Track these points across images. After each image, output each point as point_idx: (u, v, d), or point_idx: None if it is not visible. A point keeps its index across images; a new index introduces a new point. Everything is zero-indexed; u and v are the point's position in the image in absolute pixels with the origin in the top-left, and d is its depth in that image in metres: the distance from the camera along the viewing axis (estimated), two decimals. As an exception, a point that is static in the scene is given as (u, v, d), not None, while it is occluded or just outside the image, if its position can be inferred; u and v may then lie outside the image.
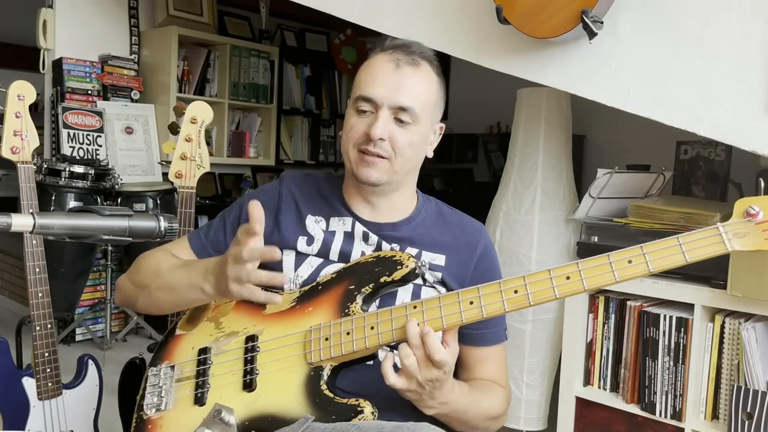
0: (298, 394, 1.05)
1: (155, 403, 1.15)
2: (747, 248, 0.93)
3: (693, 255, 0.94)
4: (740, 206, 0.95)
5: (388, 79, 1.11)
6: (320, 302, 1.12)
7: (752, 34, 1.56)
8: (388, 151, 1.12)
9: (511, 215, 2.42)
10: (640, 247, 0.96)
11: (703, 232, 0.95)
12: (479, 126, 4.40)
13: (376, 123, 1.10)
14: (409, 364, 0.97)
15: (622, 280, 0.96)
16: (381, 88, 1.11)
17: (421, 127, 1.14)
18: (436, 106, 1.18)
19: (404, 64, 1.12)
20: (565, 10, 1.64)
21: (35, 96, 1.77)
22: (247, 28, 4.73)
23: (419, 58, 1.14)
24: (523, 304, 0.99)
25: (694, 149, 2.56)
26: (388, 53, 1.14)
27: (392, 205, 1.20)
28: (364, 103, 1.12)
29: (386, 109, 1.11)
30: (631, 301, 1.93)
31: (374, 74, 1.13)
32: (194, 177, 1.73)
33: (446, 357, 0.97)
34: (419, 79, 1.13)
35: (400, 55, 1.13)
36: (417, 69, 1.13)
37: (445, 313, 1.01)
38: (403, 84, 1.11)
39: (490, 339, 1.21)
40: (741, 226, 0.93)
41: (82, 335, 3.71)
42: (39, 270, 1.74)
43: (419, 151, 1.17)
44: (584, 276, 0.97)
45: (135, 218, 0.97)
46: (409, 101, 1.11)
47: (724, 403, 1.75)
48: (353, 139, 1.14)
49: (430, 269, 1.17)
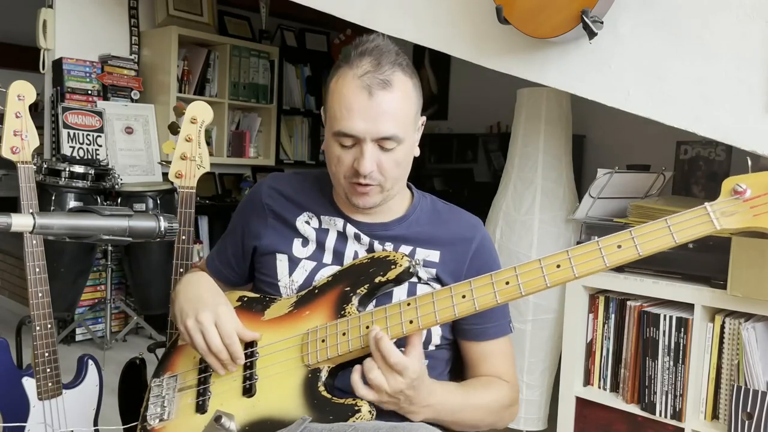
0: (297, 397, 1.05)
1: (158, 413, 1.16)
2: (735, 226, 0.92)
3: (682, 236, 0.93)
4: (727, 185, 0.93)
5: (364, 111, 1.06)
6: (317, 305, 1.13)
7: (752, 34, 1.56)
8: (378, 178, 1.10)
9: (511, 215, 2.42)
10: (629, 231, 0.95)
11: (691, 212, 0.94)
12: (479, 126, 4.40)
13: (362, 160, 1.07)
14: (373, 377, 0.98)
15: (612, 265, 0.96)
16: (359, 122, 1.06)
17: (406, 143, 1.11)
18: (417, 112, 1.14)
19: (377, 89, 1.06)
20: (565, 10, 1.64)
21: (35, 96, 1.77)
22: (247, 28, 4.74)
23: (390, 75, 1.07)
24: (515, 295, 0.99)
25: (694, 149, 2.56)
26: (357, 79, 1.07)
27: (385, 208, 1.20)
28: (346, 138, 1.09)
29: (369, 141, 1.07)
30: (631, 301, 1.93)
31: (349, 106, 1.06)
32: (194, 177, 1.73)
33: (403, 360, 0.97)
34: (395, 100, 1.07)
35: (370, 79, 1.06)
36: (390, 90, 1.07)
37: (438, 308, 1.02)
38: (380, 113, 1.06)
39: (493, 332, 1.19)
40: (728, 205, 0.92)
41: (82, 335, 3.71)
42: (39, 270, 1.74)
43: (408, 162, 1.15)
44: (574, 263, 0.97)
45: (135, 218, 0.97)
46: (390, 130, 1.07)
47: (724, 403, 1.75)
48: (342, 172, 1.12)
49: (425, 266, 1.16)
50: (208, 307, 1.11)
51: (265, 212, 1.24)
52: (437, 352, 1.18)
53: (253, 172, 4.77)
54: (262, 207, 1.25)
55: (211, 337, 1.08)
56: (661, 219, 0.94)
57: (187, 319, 1.11)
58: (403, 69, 1.10)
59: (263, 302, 1.19)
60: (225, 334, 1.09)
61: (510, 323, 1.23)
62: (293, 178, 1.29)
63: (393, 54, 1.10)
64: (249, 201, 1.29)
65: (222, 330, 1.09)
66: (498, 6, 1.75)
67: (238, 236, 1.28)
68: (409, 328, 1.03)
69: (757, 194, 0.91)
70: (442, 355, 1.19)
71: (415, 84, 1.13)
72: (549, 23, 1.68)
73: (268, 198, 1.25)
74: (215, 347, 1.08)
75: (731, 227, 0.92)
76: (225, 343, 1.08)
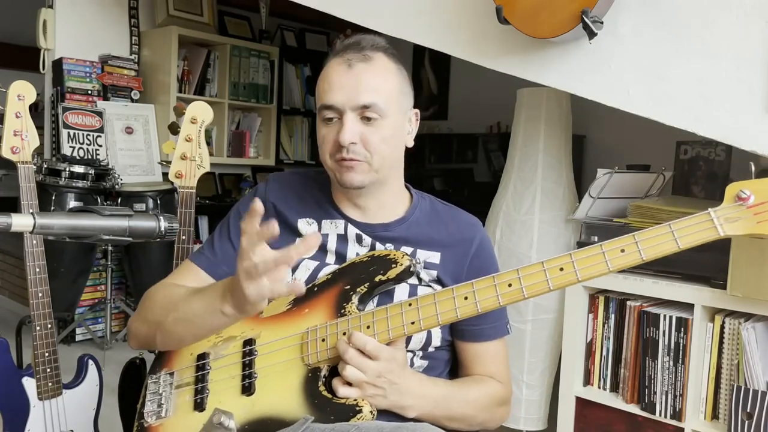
0: (297, 396, 1.05)
1: (155, 410, 1.15)
2: (738, 232, 0.91)
3: (685, 242, 0.93)
4: (731, 191, 0.93)
5: (344, 82, 1.10)
6: (316, 303, 1.12)
7: (752, 34, 1.56)
8: (363, 153, 1.10)
9: (511, 215, 2.42)
10: (632, 236, 0.95)
11: (695, 218, 0.94)
12: (479, 126, 4.40)
13: (343, 129, 1.09)
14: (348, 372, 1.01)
15: (615, 269, 0.96)
16: (339, 93, 1.09)
17: (390, 120, 1.12)
18: (402, 93, 1.15)
19: (356, 62, 1.10)
20: (565, 10, 1.64)
21: (35, 96, 1.77)
22: (247, 28, 4.74)
23: (370, 52, 1.12)
24: (518, 298, 0.99)
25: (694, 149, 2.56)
26: (339, 56, 1.13)
27: (381, 204, 1.19)
28: (328, 111, 1.11)
29: (350, 112, 1.09)
30: (631, 301, 1.93)
31: (330, 80, 1.11)
32: (194, 177, 1.73)
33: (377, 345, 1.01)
34: (375, 73, 1.11)
35: (351, 54, 1.11)
36: (370, 63, 1.11)
37: (440, 309, 1.02)
38: (359, 82, 1.09)
39: (490, 334, 1.19)
40: (732, 211, 0.92)
41: (82, 335, 3.71)
42: (39, 270, 1.74)
43: (396, 144, 1.16)
44: (577, 267, 0.96)
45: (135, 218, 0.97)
46: (369, 98, 1.09)
47: (724, 403, 1.75)
48: (328, 150, 1.13)
49: (426, 268, 1.16)
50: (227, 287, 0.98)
51: (269, 212, 1.23)
52: (437, 353, 1.18)
53: (253, 172, 4.78)
54: (267, 205, 1.23)
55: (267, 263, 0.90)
56: (664, 224, 0.94)
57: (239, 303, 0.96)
58: (387, 53, 1.14)
59: None
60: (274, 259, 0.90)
61: (507, 324, 1.23)
62: (295, 178, 1.29)
63: (379, 41, 1.15)
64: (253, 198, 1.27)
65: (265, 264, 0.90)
66: (498, 6, 1.75)
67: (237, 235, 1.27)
68: (410, 329, 1.03)
69: (760, 201, 0.90)
70: (442, 356, 1.19)
71: (399, 69, 1.16)
72: (549, 23, 1.68)
73: (273, 196, 1.25)
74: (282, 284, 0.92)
75: (735, 233, 0.91)
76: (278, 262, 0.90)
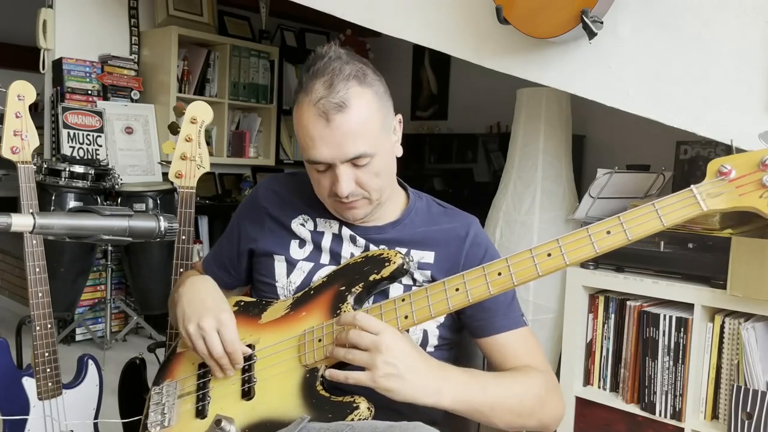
0: (296, 397, 1.05)
1: (158, 420, 1.16)
2: (721, 206, 0.92)
3: (669, 219, 0.94)
4: (712, 167, 0.94)
5: (325, 138, 1.05)
6: (313, 306, 1.13)
7: (752, 34, 1.56)
8: (360, 192, 1.10)
9: (511, 215, 2.43)
10: (617, 217, 0.97)
11: (678, 195, 0.95)
12: (479, 126, 4.40)
13: (338, 184, 1.08)
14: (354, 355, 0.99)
15: (602, 251, 0.97)
16: (324, 150, 1.06)
17: (380, 154, 1.10)
18: (384, 120, 1.11)
19: (333, 113, 1.04)
20: (565, 10, 1.64)
21: (35, 96, 1.77)
22: (247, 28, 4.74)
23: (344, 95, 1.04)
24: (508, 285, 1.00)
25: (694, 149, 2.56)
26: (313, 106, 1.05)
27: (379, 213, 1.19)
28: (318, 165, 1.09)
29: (340, 165, 1.07)
30: (630, 301, 1.93)
31: (311, 135, 1.06)
32: (194, 177, 1.73)
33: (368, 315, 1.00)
34: (355, 120, 1.05)
35: (325, 104, 1.04)
36: (347, 112, 1.04)
37: (432, 301, 1.02)
38: (342, 137, 1.05)
39: (503, 325, 1.15)
40: (714, 186, 0.93)
41: (82, 335, 3.71)
42: (39, 270, 1.74)
43: (388, 168, 1.15)
44: (564, 251, 0.98)
45: (135, 218, 0.97)
46: (356, 149, 1.06)
47: (723, 402, 1.76)
48: (324, 193, 1.13)
49: (420, 268, 1.16)
50: (211, 313, 1.11)
51: (261, 215, 1.24)
52: (436, 353, 1.17)
53: (253, 172, 4.78)
54: (259, 209, 1.25)
55: (213, 344, 1.08)
56: (648, 203, 0.96)
57: (189, 324, 1.11)
58: (360, 80, 1.07)
59: (260, 305, 1.20)
60: (227, 341, 1.09)
61: (522, 317, 1.19)
62: (290, 179, 1.29)
63: (346, 66, 1.06)
64: (247, 203, 1.29)
65: (224, 337, 1.09)
66: (498, 6, 1.75)
67: (234, 238, 1.28)
68: (404, 323, 1.03)
69: (741, 174, 0.92)
70: (442, 356, 1.18)
71: (376, 91, 1.09)
72: (549, 23, 1.68)
73: (265, 200, 1.25)
74: (216, 353, 1.08)
75: (718, 208, 0.93)
76: (227, 351, 1.09)
